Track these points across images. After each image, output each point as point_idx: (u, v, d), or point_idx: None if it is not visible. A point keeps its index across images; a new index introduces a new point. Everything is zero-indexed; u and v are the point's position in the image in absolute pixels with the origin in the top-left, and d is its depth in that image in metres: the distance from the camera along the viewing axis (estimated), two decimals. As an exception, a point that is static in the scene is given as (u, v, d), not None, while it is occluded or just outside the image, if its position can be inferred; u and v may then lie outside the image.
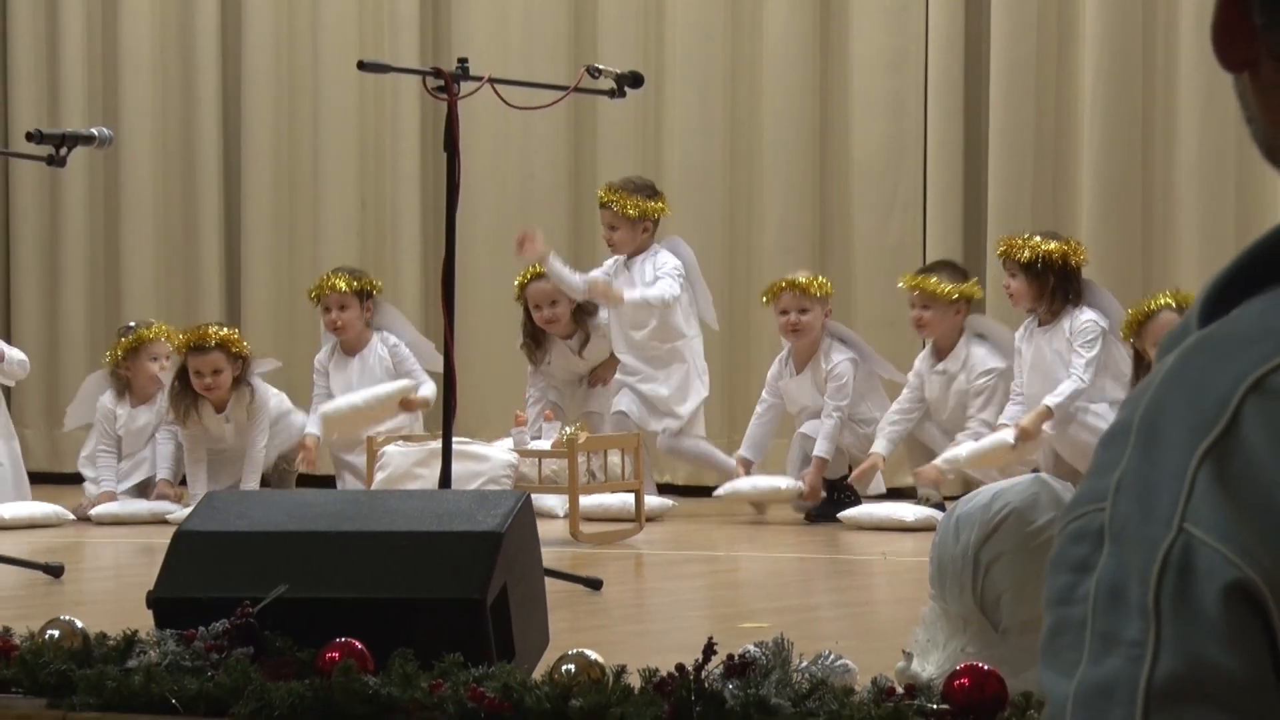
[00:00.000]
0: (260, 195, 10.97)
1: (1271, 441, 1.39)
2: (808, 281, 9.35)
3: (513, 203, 10.34)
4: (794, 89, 10.36)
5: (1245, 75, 1.49)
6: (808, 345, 9.39)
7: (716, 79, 10.49)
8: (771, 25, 10.40)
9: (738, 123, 10.40)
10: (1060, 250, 8.81)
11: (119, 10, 11.40)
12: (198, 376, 9.70)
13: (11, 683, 5.12)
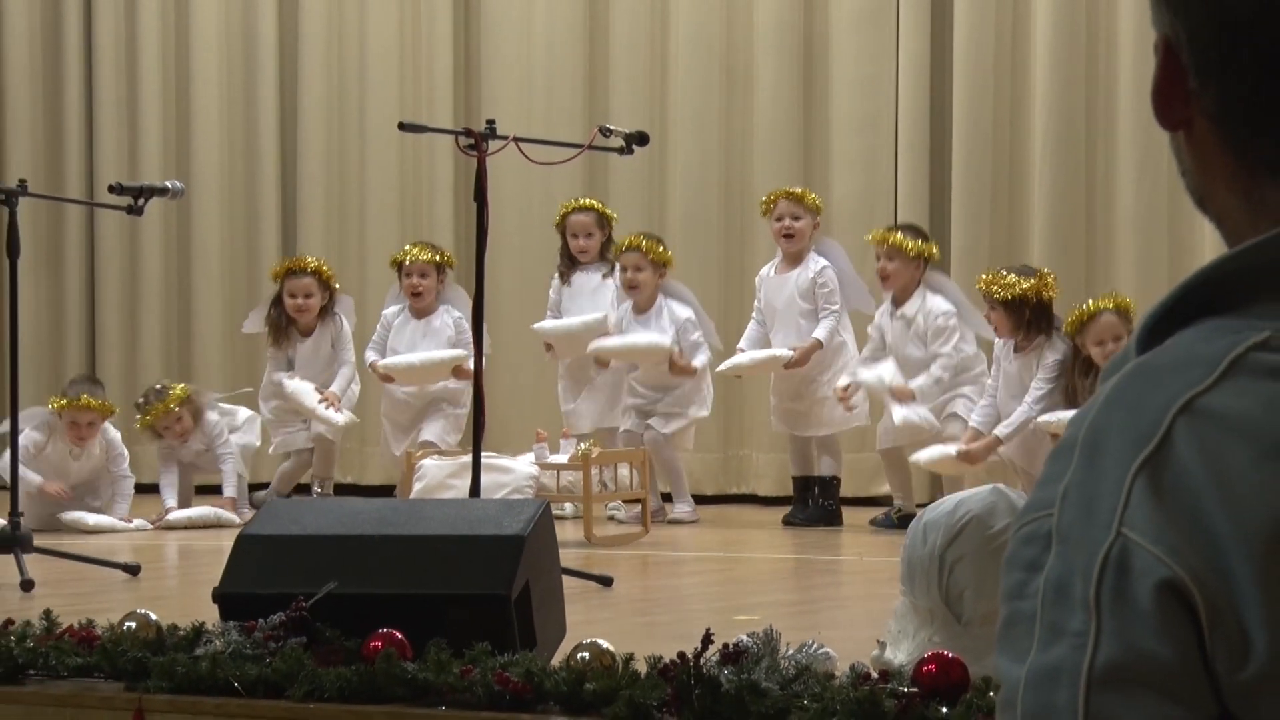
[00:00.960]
0: (313, 241, 10.96)
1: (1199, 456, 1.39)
2: (802, 192, 9.36)
3: (535, 246, 10.33)
4: (781, 146, 10.36)
5: (1181, 134, 1.48)
6: (798, 251, 9.32)
7: (713, 137, 10.49)
8: (761, 92, 10.41)
9: (731, 176, 10.40)
10: (1035, 287, 8.76)
11: (191, 76, 11.40)
12: (291, 298, 9.78)
13: (94, 668, 5.12)
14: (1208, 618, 1.36)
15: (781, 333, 9.34)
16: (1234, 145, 1.47)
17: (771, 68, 10.38)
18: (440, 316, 9.76)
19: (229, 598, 5.12)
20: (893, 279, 9.11)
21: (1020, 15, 10.01)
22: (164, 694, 4.96)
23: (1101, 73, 9.86)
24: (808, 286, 9.29)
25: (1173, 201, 9.16)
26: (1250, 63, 1.44)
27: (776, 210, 9.36)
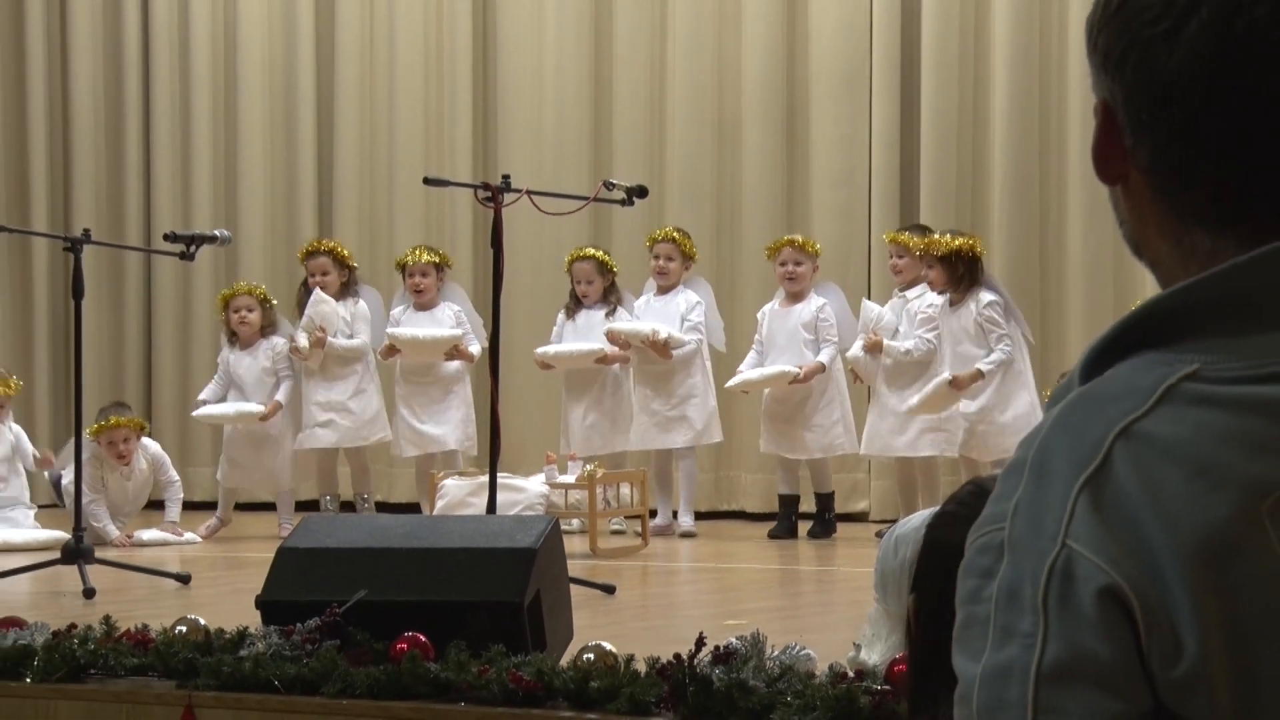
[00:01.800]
0: (347, 282, 10.96)
1: (1135, 476, 1.39)
2: (804, 240, 9.42)
3: (545, 286, 10.33)
4: (767, 198, 10.38)
5: (1118, 188, 1.49)
6: (799, 291, 9.38)
7: (706, 190, 10.50)
8: (749, 149, 10.43)
9: (721, 224, 10.41)
10: (966, 244, 8.90)
11: (238, 135, 11.41)
12: (311, 276, 9.82)
13: (148, 668, 5.12)
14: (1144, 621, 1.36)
15: (783, 361, 9.33)
16: (1165, 197, 1.47)
17: (758, 128, 10.40)
18: (442, 309, 9.77)
19: (270, 604, 5.12)
20: (903, 274, 9.26)
21: (980, 82, 10.04)
22: (211, 691, 4.96)
23: (1054, 134, 9.90)
24: (810, 320, 9.34)
25: (1117, 250, 9.14)
26: (1179, 123, 1.44)
27: (781, 255, 9.40)
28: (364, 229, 11.08)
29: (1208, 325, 1.43)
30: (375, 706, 4.79)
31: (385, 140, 11.15)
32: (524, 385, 10.18)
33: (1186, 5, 1.42)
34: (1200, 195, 1.45)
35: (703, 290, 9.59)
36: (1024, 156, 9.91)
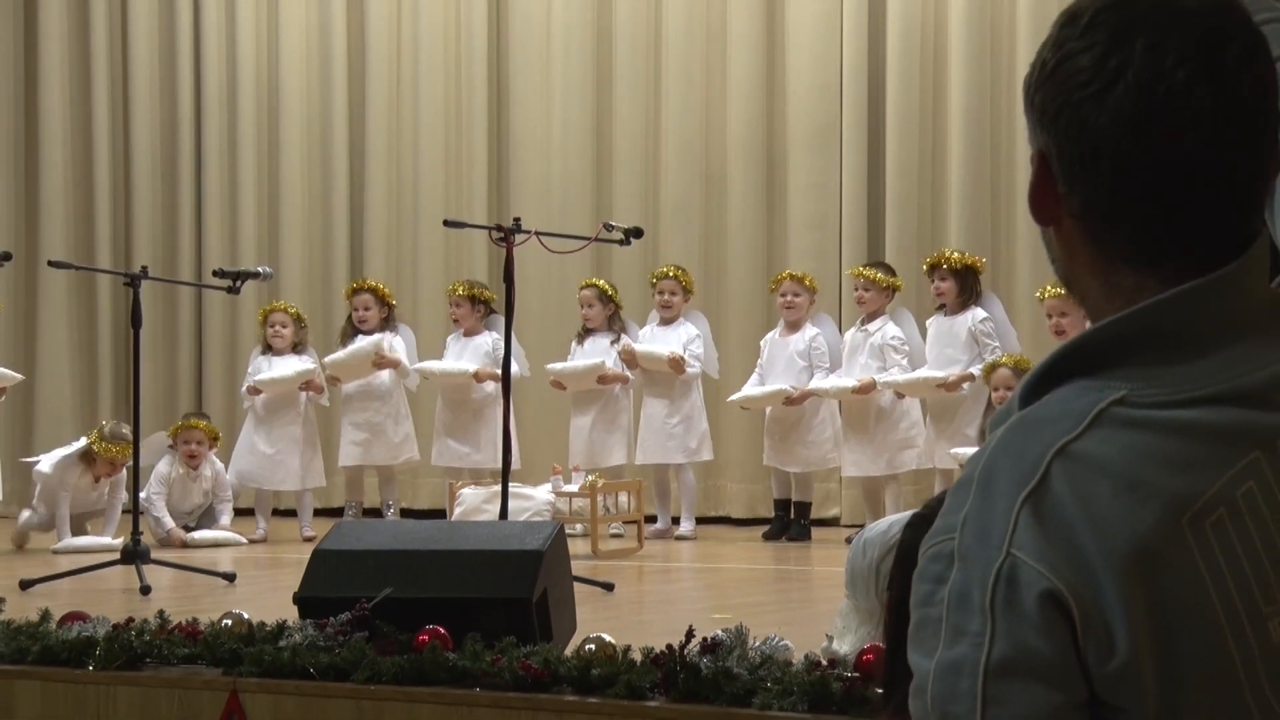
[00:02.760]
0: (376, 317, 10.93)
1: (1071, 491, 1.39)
2: (803, 274, 9.42)
3: (552, 315, 10.35)
4: (749, 238, 10.40)
5: (1051, 229, 1.49)
6: (796, 320, 9.38)
7: (695, 231, 10.52)
8: (733, 195, 10.46)
9: (709, 262, 10.42)
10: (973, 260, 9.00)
11: (280, 180, 11.43)
12: (355, 311, 9.85)
13: (197, 657, 5.11)
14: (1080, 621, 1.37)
15: (781, 384, 9.34)
16: (1094, 239, 1.47)
17: (741, 175, 10.42)
18: (483, 338, 9.74)
19: (306, 600, 5.11)
20: (867, 304, 9.24)
21: (938, 136, 10.07)
22: (254, 678, 4.95)
23: (1003, 183, 9.93)
24: (805, 348, 9.35)
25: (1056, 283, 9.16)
26: (1106, 172, 1.44)
27: (782, 288, 9.42)
28: (391, 266, 11.09)
29: (1133, 356, 1.44)
30: (400, 692, 4.78)
31: (410, 186, 11.16)
32: (532, 404, 10.18)
33: (1114, 70, 1.42)
34: (1125, 239, 1.45)
35: (700, 323, 9.61)
36: (977, 202, 9.93)
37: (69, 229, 11.65)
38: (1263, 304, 1.46)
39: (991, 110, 9.96)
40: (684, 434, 9.47)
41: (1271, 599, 1.38)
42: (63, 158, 11.69)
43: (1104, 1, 1.44)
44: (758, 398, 9.41)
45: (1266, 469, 1.40)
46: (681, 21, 10.51)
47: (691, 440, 9.49)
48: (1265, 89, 1.44)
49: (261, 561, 8.55)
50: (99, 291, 11.41)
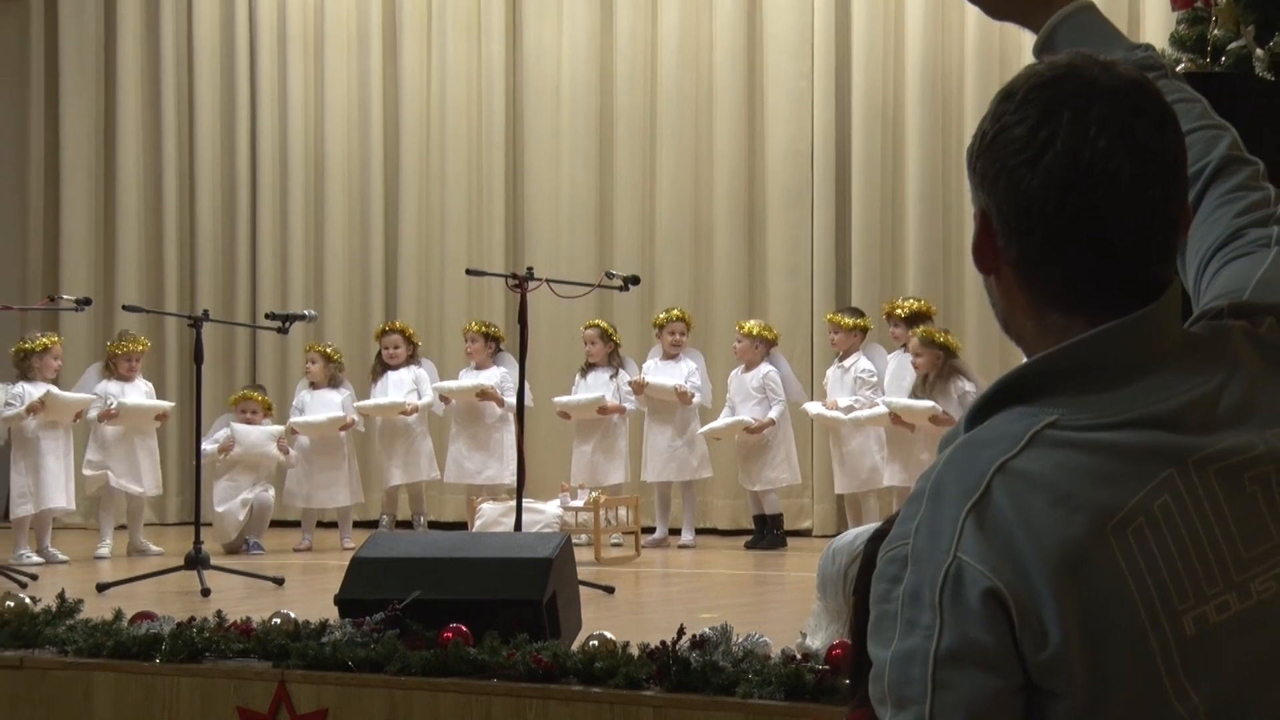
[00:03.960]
0: (407, 350, 10.94)
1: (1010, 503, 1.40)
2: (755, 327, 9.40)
3: (562, 352, 10.32)
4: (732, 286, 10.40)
5: (992, 277, 1.50)
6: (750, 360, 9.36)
7: (685, 280, 10.51)
8: (718, 248, 10.46)
9: (699, 306, 10.39)
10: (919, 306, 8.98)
11: (324, 234, 11.44)
12: (385, 349, 9.85)
13: (250, 651, 5.10)
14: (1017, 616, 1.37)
15: (744, 414, 9.35)
16: (1028, 285, 1.48)
17: (725, 230, 10.43)
18: (491, 369, 9.73)
19: (345, 602, 5.11)
20: (838, 344, 9.27)
21: (897, 196, 10.09)
22: (299, 670, 4.94)
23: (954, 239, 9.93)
24: (760, 384, 9.34)
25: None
26: (1038, 228, 1.45)
27: (736, 336, 9.46)
28: (420, 309, 11.10)
29: (1063, 385, 1.44)
30: (426, 682, 4.77)
31: (438, 239, 11.17)
32: (541, 430, 10.16)
33: (1044, 140, 1.43)
34: (1055, 285, 1.46)
35: (698, 359, 9.61)
36: (930, 254, 9.95)
37: (141, 277, 11.65)
38: (1175, 341, 1.47)
39: (943, 174, 9.99)
40: (687, 455, 9.48)
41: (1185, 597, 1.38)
42: (136, 214, 11.70)
43: (1036, 80, 1.46)
44: (721, 428, 9.42)
45: (1179, 484, 1.40)
46: (673, 96, 10.54)
47: (693, 460, 9.50)
48: (1174, 156, 1.46)
49: (307, 568, 8.54)
50: (167, 332, 11.41)
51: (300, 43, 11.42)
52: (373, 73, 11.27)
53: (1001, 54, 9.75)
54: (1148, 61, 1.71)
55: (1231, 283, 1.59)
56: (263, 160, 11.54)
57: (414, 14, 11.17)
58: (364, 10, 11.28)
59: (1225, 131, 1.71)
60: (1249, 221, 1.64)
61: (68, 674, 5.22)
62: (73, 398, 9.13)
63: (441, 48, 11.10)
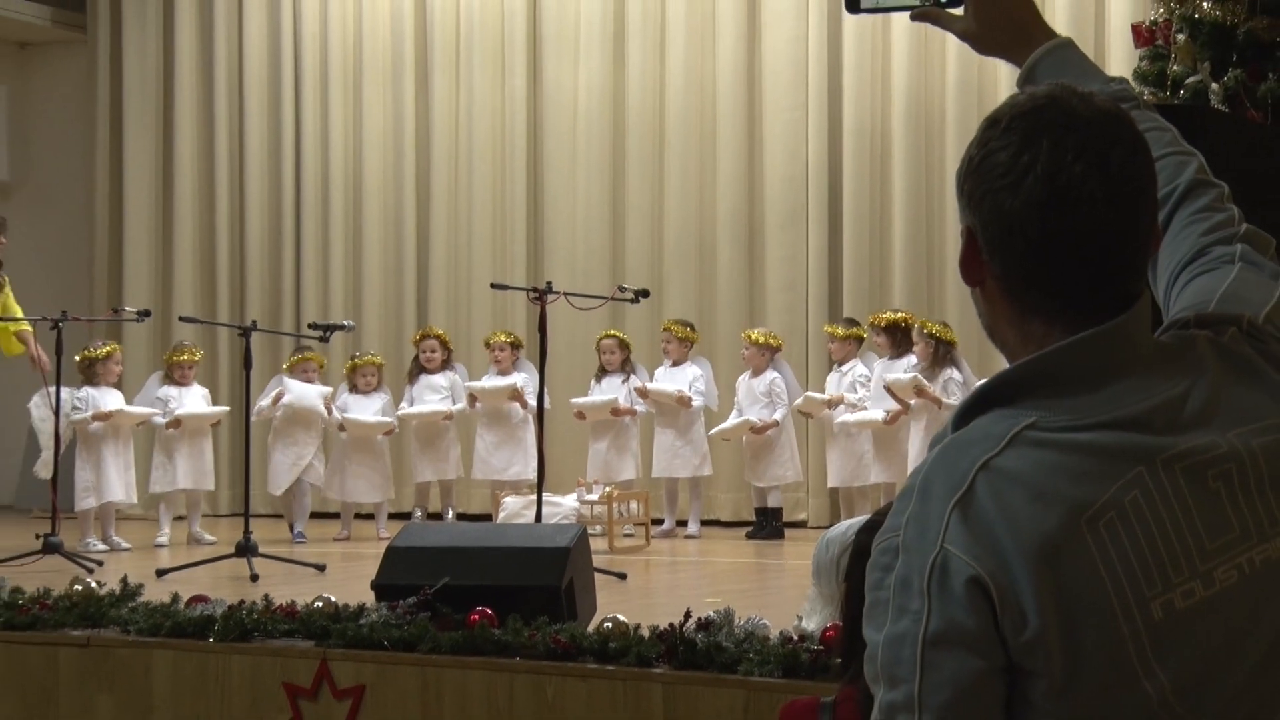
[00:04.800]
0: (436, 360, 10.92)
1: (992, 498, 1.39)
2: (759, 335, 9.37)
3: (578, 360, 10.30)
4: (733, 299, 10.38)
5: (978, 289, 1.49)
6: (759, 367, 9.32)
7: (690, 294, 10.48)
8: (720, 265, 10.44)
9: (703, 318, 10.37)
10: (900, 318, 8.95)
11: (362, 249, 11.44)
12: (422, 353, 9.79)
13: (295, 632, 5.10)
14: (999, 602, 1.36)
15: (748, 415, 9.32)
16: (1010, 296, 1.47)
17: (727, 248, 10.41)
18: (517, 374, 9.67)
19: (381, 587, 5.10)
20: (836, 352, 9.26)
21: (884, 217, 10.06)
22: (340, 649, 4.94)
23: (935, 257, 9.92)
24: (766, 389, 9.31)
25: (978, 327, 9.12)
26: (1020, 244, 1.45)
27: (744, 344, 9.44)
28: (449, 319, 11.09)
29: (1041, 390, 1.44)
30: (455, 660, 4.76)
31: (465, 255, 11.16)
32: (561, 430, 10.15)
33: (1025, 165, 1.43)
34: (1036, 296, 1.46)
35: (704, 366, 9.59)
36: (915, 269, 9.93)
37: (195, 291, 11.67)
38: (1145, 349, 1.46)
39: (926, 197, 9.98)
40: (690, 454, 9.46)
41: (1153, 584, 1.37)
42: (191, 234, 11.72)
43: (1018, 110, 1.45)
44: (729, 429, 9.40)
45: (1148, 480, 1.39)
46: (680, 126, 10.53)
47: (695, 459, 9.46)
48: (1145, 181, 1.45)
49: (346, 556, 8.54)
50: (219, 341, 11.42)
51: (340, 78, 11.44)
52: (406, 105, 11.28)
53: (979, 87, 9.74)
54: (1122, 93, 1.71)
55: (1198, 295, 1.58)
56: (306, 184, 11.56)
57: (443, 52, 11.19)
58: (398, 48, 11.30)
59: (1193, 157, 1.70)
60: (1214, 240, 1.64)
61: (130, 652, 5.22)
62: (138, 411, 9.17)
63: (469, 83, 11.11)
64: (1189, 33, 5.18)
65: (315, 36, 11.48)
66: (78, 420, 8.92)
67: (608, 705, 4.50)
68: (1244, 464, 1.41)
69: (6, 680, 5.36)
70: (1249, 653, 1.39)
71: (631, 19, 10.65)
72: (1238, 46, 5.09)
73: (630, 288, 8.03)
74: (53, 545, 7.82)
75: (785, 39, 10.21)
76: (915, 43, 9.89)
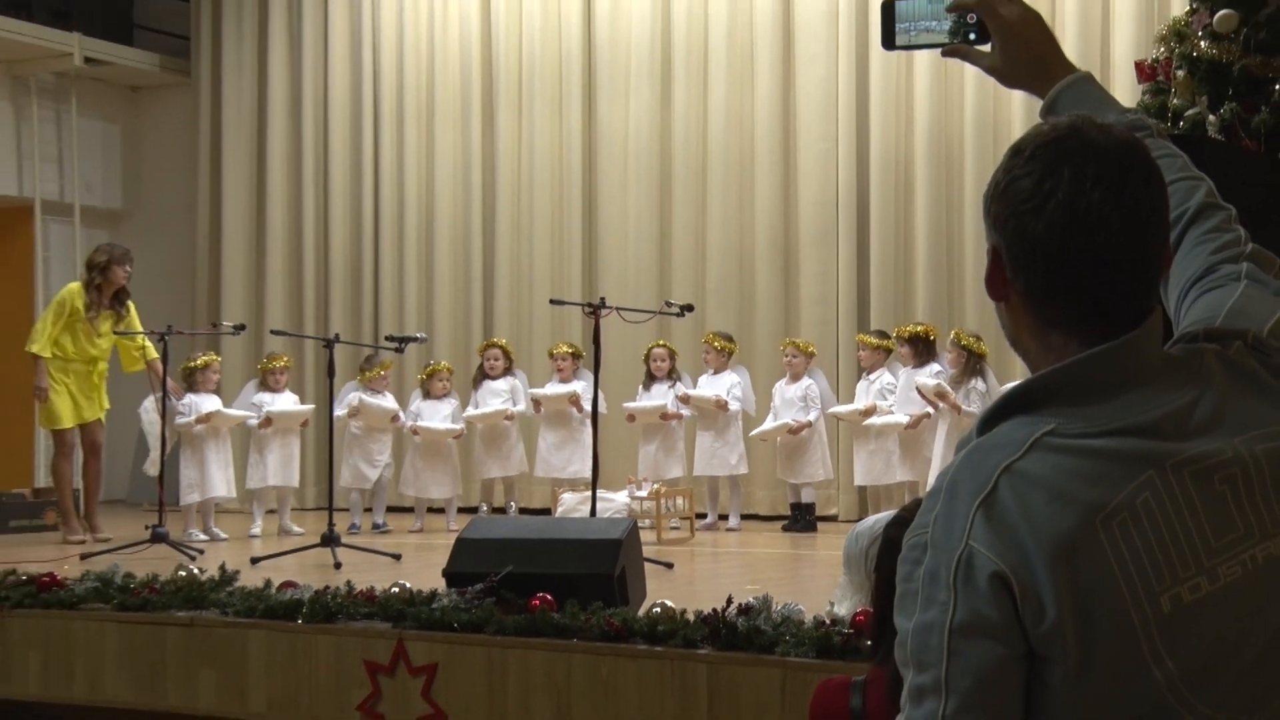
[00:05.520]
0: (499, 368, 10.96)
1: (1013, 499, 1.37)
2: (801, 342, 9.35)
3: (629, 369, 10.30)
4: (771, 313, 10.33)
5: (1002, 303, 1.48)
6: (796, 373, 9.27)
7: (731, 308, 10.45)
8: (760, 281, 10.40)
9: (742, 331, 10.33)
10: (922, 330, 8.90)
11: (434, 271, 11.49)
12: (486, 361, 9.78)
13: (374, 615, 5.12)
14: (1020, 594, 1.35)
15: (784, 418, 9.28)
16: (1033, 310, 1.46)
17: (765, 265, 10.38)
18: (576, 383, 9.65)
19: (452, 575, 5.11)
20: (865, 360, 9.18)
21: (908, 236, 9.99)
22: (414, 630, 4.95)
23: (955, 274, 9.84)
24: (803, 394, 9.27)
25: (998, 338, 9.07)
26: (1041, 264, 1.43)
27: (787, 351, 9.39)
28: (512, 332, 11.11)
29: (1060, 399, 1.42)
30: (518, 641, 4.76)
31: (527, 273, 11.18)
32: (614, 432, 10.15)
33: (1048, 191, 1.41)
34: (1056, 312, 1.44)
35: (742, 373, 9.57)
36: (936, 285, 9.86)
37: (285, 307, 11.77)
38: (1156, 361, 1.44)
39: (946, 220, 9.91)
40: (727, 454, 9.42)
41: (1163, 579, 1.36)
42: (281, 256, 11.82)
43: (1042, 139, 1.44)
44: (769, 431, 9.36)
45: (1159, 483, 1.38)
46: (721, 155, 10.52)
47: (732, 458, 9.43)
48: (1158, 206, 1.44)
49: (419, 546, 8.57)
50: (306, 352, 11.50)
51: (415, 115, 11.52)
52: (473, 139, 11.34)
53: (995, 120, 9.69)
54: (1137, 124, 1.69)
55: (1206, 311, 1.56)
56: (384, 211, 11.63)
57: (507, 91, 11.25)
58: (466, 88, 11.36)
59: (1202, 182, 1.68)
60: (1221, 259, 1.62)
61: (228, 631, 5.25)
62: (233, 414, 9.25)
63: (530, 118, 11.15)
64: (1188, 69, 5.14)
65: (392, 79, 11.57)
66: (181, 424, 9.01)
67: (656, 683, 4.49)
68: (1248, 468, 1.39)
69: (121, 656, 5.42)
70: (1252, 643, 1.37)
71: (677, 60, 10.66)
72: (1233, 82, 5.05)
73: (676, 303, 8.02)
74: (160, 535, 7.89)
75: (817, 78, 10.19)
76: (936, 80, 9.85)
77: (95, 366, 8.76)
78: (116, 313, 8.76)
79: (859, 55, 10.03)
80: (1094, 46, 9.47)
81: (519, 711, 4.71)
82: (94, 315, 8.66)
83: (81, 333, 8.66)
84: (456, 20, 11.38)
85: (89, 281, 8.72)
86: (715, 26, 10.53)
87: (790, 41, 10.32)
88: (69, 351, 8.67)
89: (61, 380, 8.65)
